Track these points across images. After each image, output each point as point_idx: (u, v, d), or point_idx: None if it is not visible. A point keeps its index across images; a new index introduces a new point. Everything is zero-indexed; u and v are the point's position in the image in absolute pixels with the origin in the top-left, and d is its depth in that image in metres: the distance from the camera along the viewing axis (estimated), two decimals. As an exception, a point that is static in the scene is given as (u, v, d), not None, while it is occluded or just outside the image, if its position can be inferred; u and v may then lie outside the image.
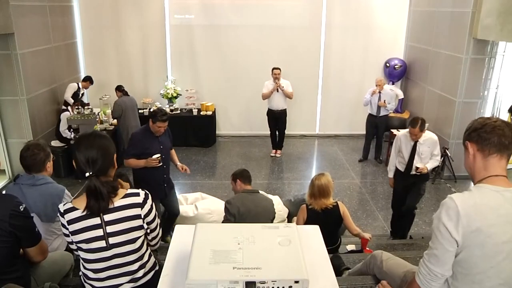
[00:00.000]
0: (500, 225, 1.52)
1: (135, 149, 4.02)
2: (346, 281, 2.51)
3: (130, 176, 4.04)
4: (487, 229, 1.51)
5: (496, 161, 1.60)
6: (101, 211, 1.76)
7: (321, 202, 3.39)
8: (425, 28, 7.32)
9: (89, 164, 1.75)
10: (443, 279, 1.64)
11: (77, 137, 1.89)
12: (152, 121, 3.96)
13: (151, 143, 4.03)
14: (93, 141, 1.80)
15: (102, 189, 1.74)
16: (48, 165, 2.69)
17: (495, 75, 6.10)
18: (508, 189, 1.57)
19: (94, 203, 1.74)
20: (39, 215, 2.63)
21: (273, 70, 6.87)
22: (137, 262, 1.90)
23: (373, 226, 5.16)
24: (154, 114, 3.98)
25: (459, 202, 1.54)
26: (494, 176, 1.60)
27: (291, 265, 1.54)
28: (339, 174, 6.67)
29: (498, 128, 1.57)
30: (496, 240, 1.52)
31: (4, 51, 5.71)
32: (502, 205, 1.54)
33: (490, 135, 1.57)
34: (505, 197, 1.55)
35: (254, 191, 3.50)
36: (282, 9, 7.91)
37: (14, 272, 2.04)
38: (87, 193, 1.76)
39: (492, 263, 1.54)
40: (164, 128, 4.01)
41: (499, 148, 1.58)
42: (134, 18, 7.91)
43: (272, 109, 7.09)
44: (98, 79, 7.95)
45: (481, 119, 1.64)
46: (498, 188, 1.56)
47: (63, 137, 6.38)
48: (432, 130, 6.78)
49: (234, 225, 1.83)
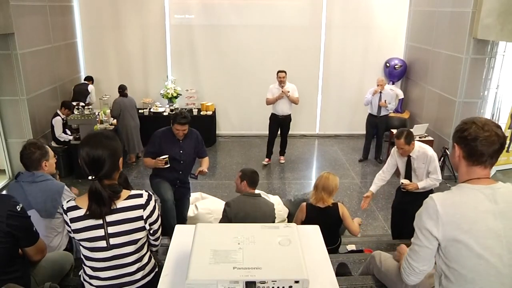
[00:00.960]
0: (480, 221, 1.56)
1: (153, 147, 3.95)
2: (346, 281, 2.51)
3: (130, 176, 4.05)
4: (468, 226, 1.56)
5: (480, 170, 1.64)
6: (102, 215, 1.75)
7: (321, 196, 3.39)
8: (425, 28, 7.32)
9: (93, 166, 1.72)
10: (421, 274, 1.73)
11: (85, 136, 1.86)
12: (172, 123, 3.87)
13: (170, 145, 3.93)
14: (100, 141, 1.75)
15: (104, 194, 1.72)
16: (45, 164, 2.71)
17: (495, 75, 6.09)
18: (488, 186, 1.60)
19: (95, 207, 1.73)
20: (39, 211, 2.66)
21: (278, 73, 6.53)
22: (136, 264, 1.89)
23: (373, 226, 5.16)
24: (174, 116, 3.87)
25: (438, 201, 1.61)
26: (476, 179, 1.64)
27: (291, 265, 1.54)
28: (339, 174, 6.62)
29: (490, 142, 1.58)
30: (478, 236, 1.55)
31: (4, 51, 5.71)
32: (482, 202, 1.58)
33: (481, 149, 1.60)
34: (485, 194, 1.59)
35: (255, 195, 3.42)
36: (282, 9, 7.91)
37: (14, 272, 2.04)
38: (89, 195, 1.75)
39: (479, 261, 1.56)
40: (182, 131, 3.88)
41: (485, 160, 1.62)
42: (134, 18, 7.91)
43: (276, 114, 6.74)
44: (98, 79, 7.96)
45: (475, 127, 1.60)
46: (479, 187, 1.61)
47: (61, 141, 6.30)
48: (432, 130, 6.82)
49: (234, 225, 1.83)
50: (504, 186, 1.62)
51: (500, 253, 1.54)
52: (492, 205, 1.57)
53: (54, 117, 6.25)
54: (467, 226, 1.56)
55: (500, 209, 1.56)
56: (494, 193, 1.58)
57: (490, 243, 1.55)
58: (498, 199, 1.57)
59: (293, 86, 6.62)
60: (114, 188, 1.78)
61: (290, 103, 6.65)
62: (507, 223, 1.55)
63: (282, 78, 6.50)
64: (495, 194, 1.58)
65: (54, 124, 6.22)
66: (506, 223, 1.55)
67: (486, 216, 1.56)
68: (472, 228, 1.56)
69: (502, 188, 1.61)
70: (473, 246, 1.55)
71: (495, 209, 1.56)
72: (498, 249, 1.55)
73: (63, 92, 7.22)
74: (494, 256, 1.55)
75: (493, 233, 1.55)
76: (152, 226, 1.89)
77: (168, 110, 7.78)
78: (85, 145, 1.74)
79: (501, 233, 1.54)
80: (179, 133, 3.87)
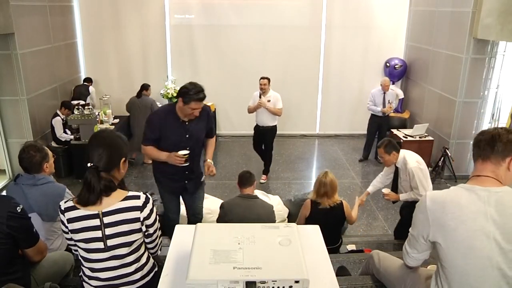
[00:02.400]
0: (470, 222, 1.57)
1: (153, 132, 3.11)
2: (346, 281, 2.51)
3: (130, 176, 3.99)
4: (455, 225, 1.58)
5: (478, 164, 1.69)
6: (89, 203, 1.76)
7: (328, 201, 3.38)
8: (425, 28, 7.32)
9: (95, 157, 1.78)
10: (414, 260, 1.84)
11: (93, 134, 1.95)
12: (183, 101, 2.94)
13: (173, 129, 3.09)
14: (106, 136, 1.86)
15: (95, 184, 1.74)
16: (45, 166, 2.69)
17: (495, 75, 6.09)
18: (486, 188, 1.60)
19: (85, 193, 1.76)
20: (41, 214, 2.64)
21: (260, 80, 5.87)
22: (134, 265, 1.89)
23: (373, 226, 5.16)
24: (185, 91, 2.92)
25: (429, 198, 1.67)
26: (476, 176, 1.67)
27: (291, 265, 1.54)
28: (339, 174, 6.66)
29: (492, 135, 1.64)
30: (465, 236, 1.57)
31: (4, 51, 5.71)
32: (474, 202, 1.59)
33: (480, 143, 1.67)
34: (479, 195, 1.60)
35: (252, 196, 3.32)
36: (282, 9, 7.91)
37: (14, 273, 2.04)
38: (83, 183, 1.78)
39: (466, 261, 1.57)
40: (199, 111, 3.01)
41: (481, 153, 1.67)
42: (134, 18, 7.91)
43: (258, 124, 6.10)
44: (98, 79, 7.96)
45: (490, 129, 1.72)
46: (474, 187, 1.62)
47: (61, 141, 6.30)
48: (432, 130, 6.82)
49: (234, 225, 1.83)
50: (505, 191, 1.61)
51: (490, 255, 1.54)
52: (485, 207, 1.57)
53: (54, 117, 6.24)
54: (454, 224, 1.58)
55: (492, 212, 1.56)
56: (490, 195, 1.58)
57: (478, 244, 1.55)
58: (492, 201, 1.57)
59: (276, 95, 5.93)
60: (108, 182, 1.79)
61: (271, 114, 5.95)
62: (499, 226, 1.55)
63: (263, 86, 5.79)
64: (491, 196, 1.58)
65: (54, 124, 6.21)
66: (498, 226, 1.55)
67: (477, 217, 1.56)
68: (459, 227, 1.57)
69: (501, 192, 1.60)
70: (458, 246, 1.57)
71: (487, 211, 1.56)
72: (487, 251, 1.54)
73: (63, 92, 7.22)
74: (482, 258, 1.55)
75: (482, 235, 1.55)
76: (148, 229, 1.88)
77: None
78: (93, 139, 1.86)
79: (491, 235, 1.54)
80: (194, 113, 3.00)
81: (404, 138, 6.52)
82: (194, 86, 2.94)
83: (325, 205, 3.38)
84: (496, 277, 1.55)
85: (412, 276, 2.04)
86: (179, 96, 2.98)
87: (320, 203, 3.40)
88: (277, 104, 5.91)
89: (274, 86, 5.98)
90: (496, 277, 1.55)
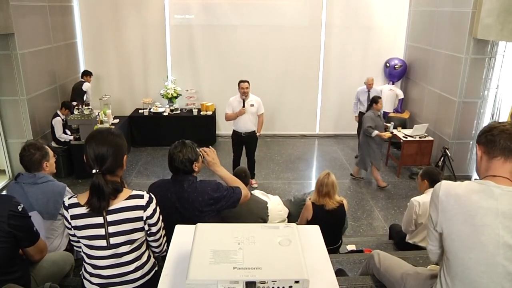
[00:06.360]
0: (479, 216, 1.55)
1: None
2: (346, 281, 2.51)
3: (130, 176, 3.98)
4: (464, 219, 1.57)
5: (499, 164, 1.63)
6: (101, 210, 1.76)
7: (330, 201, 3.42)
8: (425, 28, 7.32)
9: (98, 161, 1.74)
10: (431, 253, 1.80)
11: (91, 132, 1.88)
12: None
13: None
14: (105, 137, 1.79)
15: (105, 189, 1.73)
16: (45, 164, 2.70)
17: (495, 75, 6.10)
18: (500, 186, 1.58)
19: (95, 201, 1.74)
20: (41, 213, 2.65)
21: (240, 83, 5.63)
22: (134, 263, 1.89)
23: (373, 226, 5.16)
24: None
25: (442, 188, 1.66)
26: (492, 176, 1.63)
27: (291, 265, 1.54)
28: (339, 174, 6.66)
29: (506, 132, 1.61)
30: (472, 230, 1.56)
31: (4, 51, 5.72)
32: (487, 199, 1.57)
33: (496, 138, 1.61)
34: (492, 191, 1.58)
35: None
36: (282, 9, 7.91)
37: (14, 272, 2.04)
38: (90, 189, 1.76)
39: (469, 255, 1.57)
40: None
41: (503, 151, 1.61)
42: (134, 18, 7.91)
43: (238, 131, 5.81)
44: (98, 79, 7.96)
45: (492, 123, 1.69)
46: (488, 183, 1.60)
47: (61, 141, 6.29)
48: (432, 130, 6.83)
49: (234, 225, 1.83)
50: None
51: (494, 251, 1.54)
52: (496, 204, 1.56)
53: (54, 117, 6.24)
54: (462, 218, 1.57)
55: (503, 209, 1.55)
56: (503, 193, 1.57)
57: (484, 239, 1.54)
58: (505, 200, 1.56)
59: (258, 100, 5.76)
60: (116, 185, 1.79)
61: (254, 117, 5.81)
62: (508, 224, 1.55)
63: (245, 90, 5.58)
64: (504, 194, 1.56)
65: (54, 124, 6.21)
66: (507, 225, 1.55)
67: (486, 213, 1.55)
68: (467, 221, 1.56)
69: None
70: (464, 239, 1.57)
71: (498, 208, 1.55)
72: (492, 247, 1.54)
73: (63, 92, 7.22)
74: (486, 253, 1.54)
75: (490, 231, 1.54)
76: (151, 228, 1.89)
77: (168, 110, 7.78)
78: (91, 140, 1.78)
79: (499, 232, 1.54)
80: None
81: (404, 138, 6.52)
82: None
83: (328, 207, 3.41)
84: (499, 274, 1.54)
85: (413, 276, 2.04)
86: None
87: (322, 205, 3.42)
88: (260, 109, 5.80)
89: (274, 86, 5.95)
90: (499, 274, 1.54)
